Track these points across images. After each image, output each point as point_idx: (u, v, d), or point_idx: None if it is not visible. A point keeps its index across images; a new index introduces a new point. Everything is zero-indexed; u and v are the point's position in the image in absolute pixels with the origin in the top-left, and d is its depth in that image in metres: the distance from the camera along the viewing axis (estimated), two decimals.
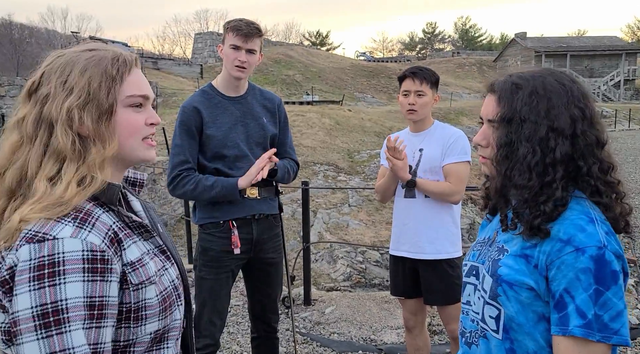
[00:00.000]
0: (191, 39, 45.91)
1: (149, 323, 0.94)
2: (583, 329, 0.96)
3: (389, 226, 10.77)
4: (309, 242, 4.32)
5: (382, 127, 17.70)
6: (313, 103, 22.73)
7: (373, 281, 8.25)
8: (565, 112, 1.05)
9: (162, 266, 1.01)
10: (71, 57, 0.96)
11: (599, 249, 0.98)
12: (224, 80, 2.30)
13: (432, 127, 2.51)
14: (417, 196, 2.44)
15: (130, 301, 0.91)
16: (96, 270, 0.85)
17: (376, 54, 67.22)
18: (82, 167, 0.92)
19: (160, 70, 31.57)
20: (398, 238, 2.53)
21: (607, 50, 39.31)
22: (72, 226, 0.87)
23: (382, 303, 4.15)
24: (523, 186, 1.05)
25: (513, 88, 1.09)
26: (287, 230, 9.50)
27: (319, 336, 3.63)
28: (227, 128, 2.23)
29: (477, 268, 1.17)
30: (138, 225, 1.00)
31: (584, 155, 1.05)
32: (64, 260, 0.83)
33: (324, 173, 12.99)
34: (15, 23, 28.52)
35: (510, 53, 42.20)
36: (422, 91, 2.41)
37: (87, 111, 0.93)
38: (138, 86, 0.99)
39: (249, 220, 2.27)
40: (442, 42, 71.14)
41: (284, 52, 39.75)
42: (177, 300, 1.02)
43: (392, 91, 35.35)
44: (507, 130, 1.07)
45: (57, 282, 0.82)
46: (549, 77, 1.09)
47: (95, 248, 0.86)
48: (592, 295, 0.96)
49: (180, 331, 1.05)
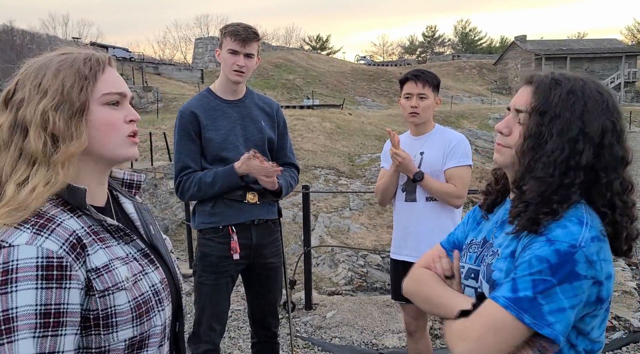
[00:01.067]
0: (192, 44, 46.10)
1: (120, 329, 0.92)
2: (507, 301, 0.98)
3: (390, 230, 10.74)
4: (310, 246, 4.31)
5: (383, 131, 17.71)
6: (314, 108, 22.76)
7: (374, 285, 8.23)
8: (598, 119, 1.04)
9: (141, 271, 0.98)
10: (44, 61, 0.97)
11: (571, 247, 0.97)
12: (222, 84, 2.30)
13: (433, 130, 2.50)
14: (418, 200, 2.43)
15: (98, 308, 0.89)
16: (51, 276, 0.84)
17: (376, 58, 67.33)
18: (50, 168, 0.91)
19: (161, 75, 31.65)
20: (399, 242, 2.52)
21: (607, 53, 39.35)
22: (30, 233, 0.85)
23: (383, 307, 4.14)
24: (543, 180, 1.04)
25: (552, 83, 1.08)
26: (288, 234, 9.49)
27: (320, 340, 3.62)
28: (226, 131, 2.24)
29: (477, 271, 1.17)
30: (116, 228, 0.98)
31: (607, 167, 1.04)
32: (17, 268, 0.82)
33: (324, 177, 12.99)
34: (16, 29, 28.66)
35: (510, 56, 42.25)
36: (424, 94, 2.40)
37: (60, 111, 0.92)
38: (113, 84, 0.99)
39: (248, 225, 2.26)
40: (442, 46, 71.25)
41: (285, 57, 39.84)
42: (158, 305, 0.99)
43: (393, 95, 35.38)
44: (539, 121, 1.06)
45: (9, 290, 0.81)
46: (589, 83, 1.09)
47: (51, 255, 0.84)
48: (538, 281, 0.97)
49: (164, 337, 1.02)
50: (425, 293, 1.22)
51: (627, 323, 3.66)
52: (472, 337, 1.00)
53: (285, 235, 9.52)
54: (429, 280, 1.22)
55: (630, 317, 3.75)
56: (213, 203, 2.23)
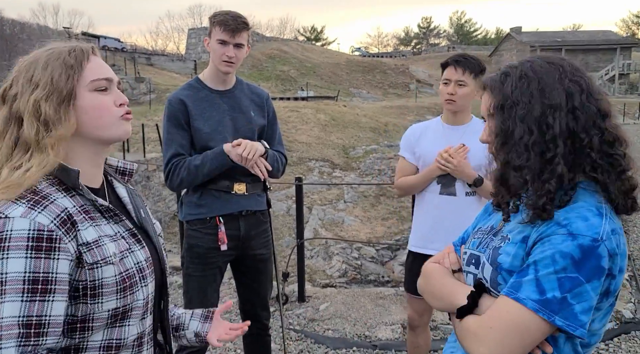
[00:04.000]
0: (185, 34, 45.71)
1: (105, 301, 1.00)
2: (537, 305, 0.94)
3: (384, 222, 10.77)
4: (303, 238, 4.29)
5: (378, 123, 17.70)
6: (308, 99, 22.69)
7: (368, 278, 8.25)
8: (559, 86, 1.03)
9: (127, 248, 1.06)
10: (34, 57, 1.06)
11: (594, 241, 0.95)
12: (211, 74, 2.26)
13: (472, 121, 2.33)
14: (458, 194, 2.27)
15: (86, 279, 0.98)
16: (40, 247, 0.92)
17: (371, 49, 67.20)
18: (43, 152, 0.99)
19: (154, 66, 31.43)
20: (426, 235, 2.36)
21: (602, 45, 39.44)
22: (25, 207, 0.94)
23: (376, 300, 4.14)
24: (522, 166, 1.03)
25: (502, 77, 1.09)
26: (282, 226, 9.49)
27: (313, 332, 3.61)
28: (215, 122, 2.20)
29: (478, 257, 1.15)
30: (106, 208, 1.07)
31: (586, 127, 1.02)
32: (10, 237, 0.91)
33: (319, 169, 12.97)
34: (6, 19, 28.24)
35: (505, 48, 42.26)
36: (463, 81, 2.24)
37: (50, 100, 1.01)
38: (99, 71, 1.07)
39: (236, 216, 2.23)
40: (437, 37, 71.18)
41: (279, 48, 39.63)
42: (141, 281, 1.07)
43: (388, 86, 35.34)
44: (502, 116, 1.06)
45: (1, 257, 0.90)
46: (537, 60, 1.09)
47: (42, 228, 0.93)
48: (564, 279, 0.94)
49: (146, 311, 1.10)
50: (431, 287, 1.20)
51: (619, 314, 3.68)
52: (494, 340, 0.96)
53: (279, 227, 9.50)
54: (436, 274, 1.21)
55: (622, 308, 3.77)
56: (200, 194, 2.20)
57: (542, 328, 0.95)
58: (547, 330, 0.95)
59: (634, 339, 3.39)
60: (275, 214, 10.07)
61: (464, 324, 1.03)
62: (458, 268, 1.21)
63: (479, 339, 0.98)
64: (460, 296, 1.07)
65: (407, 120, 19.20)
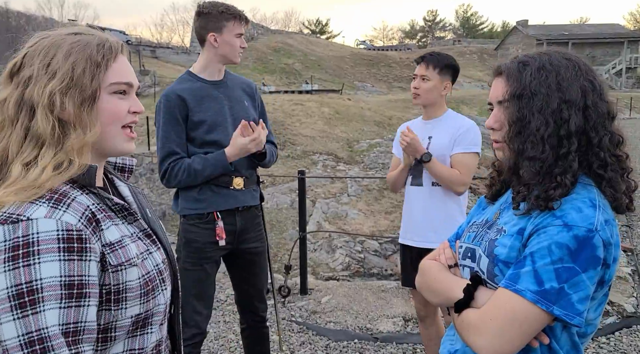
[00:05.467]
0: (189, 27, 45.60)
1: (129, 306, 0.93)
2: (536, 296, 0.96)
3: (388, 216, 10.78)
4: (305, 232, 4.31)
5: (382, 116, 17.65)
6: (312, 93, 22.63)
7: (372, 271, 8.26)
8: (575, 83, 1.05)
9: (146, 250, 1.00)
10: (55, 39, 0.94)
11: (589, 231, 0.97)
12: (207, 66, 2.26)
13: (443, 115, 2.46)
14: (424, 185, 2.41)
15: (110, 282, 0.90)
16: (72, 248, 0.85)
17: (376, 42, 66.76)
18: (60, 152, 0.91)
19: (159, 59, 31.42)
20: (405, 226, 2.52)
21: (609, 38, 39.03)
22: (47, 207, 0.86)
23: (378, 292, 4.16)
24: (536, 158, 1.04)
25: (520, 66, 1.10)
26: (286, 220, 9.50)
27: (315, 325, 3.64)
28: (214, 112, 2.21)
29: (474, 250, 1.16)
30: (120, 207, 0.98)
31: (596, 127, 1.05)
32: (39, 240, 0.83)
33: (323, 162, 12.96)
34: (12, 11, 28.33)
35: (511, 41, 41.91)
36: (426, 76, 2.38)
37: (70, 96, 0.91)
38: (123, 74, 0.98)
39: (232, 211, 2.25)
40: (443, 30, 70.64)
41: (283, 41, 39.49)
42: (162, 285, 1.00)
43: (392, 80, 35.20)
44: (519, 105, 1.07)
45: (32, 262, 0.82)
46: (555, 54, 1.10)
47: (70, 228, 0.85)
48: (561, 270, 0.96)
49: (164, 317, 1.04)
50: (427, 283, 1.22)
51: (620, 308, 3.68)
52: (493, 332, 0.98)
53: (283, 220, 9.52)
54: (432, 270, 1.22)
55: (624, 302, 3.77)
56: (199, 189, 2.20)
57: (541, 318, 0.97)
58: (545, 320, 0.97)
59: (635, 333, 3.40)
60: (279, 207, 10.08)
61: (464, 317, 1.04)
62: (454, 263, 1.22)
63: (479, 331, 1.00)
64: (457, 290, 1.09)
65: (411, 114, 19.13)
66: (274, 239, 8.59)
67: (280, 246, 8.35)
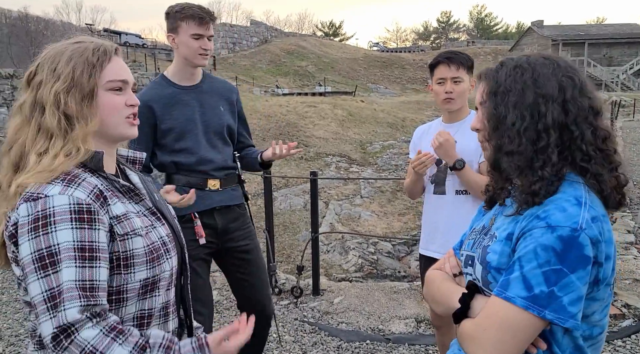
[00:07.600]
0: None
1: (137, 271, 1.08)
2: (526, 302, 0.95)
3: (400, 217, 10.73)
4: (318, 233, 4.33)
5: (395, 118, 17.61)
6: (325, 94, 22.67)
7: (385, 272, 8.25)
8: (552, 78, 1.05)
9: (150, 225, 1.15)
10: (60, 48, 1.13)
11: (573, 231, 0.95)
12: (178, 70, 2.22)
13: (468, 117, 2.27)
14: (447, 193, 2.24)
15: (119, 250, 1.06)
16: (83, 219, 1.01)
17: (390, 44, 66.62)
18: (68, 142, 1.08)
19: None
20: (427, 237, 2.35)
21: (627, 38, 38.35)
22: (61, 186, 1.03)
23: (390, 294, 4.16)
24: (514, 152, 1.05)
25: (497, 67, 1.12)
26: (299, 221, 9.54)
27: (327, 325, 3.65)
28: (184, 120, 2.18)
29: (473, 257, 1.16)
30: (127, 189, 1.15)
31: (577, 121, 1.04)
32: (54, 213, 0.99)
33: (336, 164, 12.98)
34: (31, 16, 28.94)
35: (526, 42, 41.45)
36: (458, 77, 2.19)
37: (72, 94, 1.09)
38: (117, 72, 1.14)
39: (210, 211, 2.23)
40: (456, 32, 70.22)
41: (297, 43, 39.62)
42: (166, 254, 1.15)
43: (406, 82, 35.06)
44: (495, 102, 1.08)
45: (50, 231, 0.98)
46: (534, 55, 1.12)
47: (81, 202, 1.02)
48: (549, 272, 0.95)
49: (171, 283, 1.18)
50: (432, 293, 1.22)
51: (637, 311, 3.62)
52: (489, 342, 0.97)
53: (296, 221, 9.55)
54: (436, 279, 1.22)
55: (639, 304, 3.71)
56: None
57: (534, 324, 0.95)
58: (539, 325, 0.96)
59: None
60: (292, 209, 10.12)
61: (462, 327, 1.04)
62: (459, 271, 1.22)
63: (475, 341, 0.99)
64: (455, 300, 1.08)
65: (424, 116, 19.05)
66: (287, 240, 8.62)
67: (294, 248, 8.39)
